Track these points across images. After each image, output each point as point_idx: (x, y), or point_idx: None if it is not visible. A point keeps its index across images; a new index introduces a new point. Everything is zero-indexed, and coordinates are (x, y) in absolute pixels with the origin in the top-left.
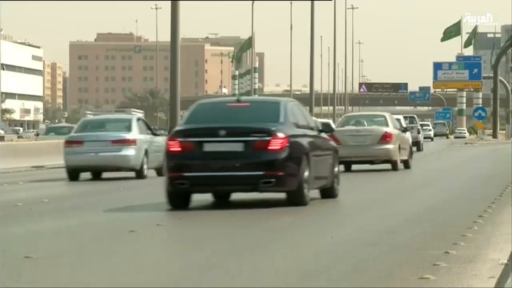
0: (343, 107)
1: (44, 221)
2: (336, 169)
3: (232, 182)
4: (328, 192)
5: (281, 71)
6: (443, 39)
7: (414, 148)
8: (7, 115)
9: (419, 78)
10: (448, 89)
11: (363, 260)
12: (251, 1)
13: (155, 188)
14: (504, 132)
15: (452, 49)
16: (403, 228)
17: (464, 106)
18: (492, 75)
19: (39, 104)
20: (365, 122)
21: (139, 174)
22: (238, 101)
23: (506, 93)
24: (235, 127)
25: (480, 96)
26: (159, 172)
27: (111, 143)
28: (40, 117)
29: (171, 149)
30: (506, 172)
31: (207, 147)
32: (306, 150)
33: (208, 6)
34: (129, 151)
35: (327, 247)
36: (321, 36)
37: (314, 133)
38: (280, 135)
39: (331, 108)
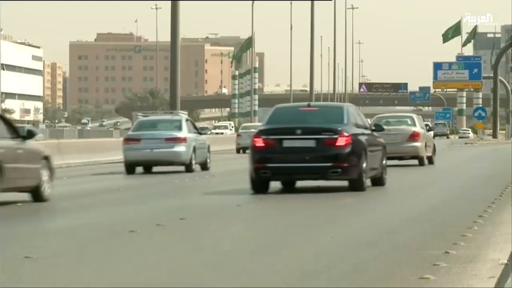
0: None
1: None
2: (384, 161)
3: (306, 172)
4: (378, 181)
5: (281, 71)
6: (444, 41)
7: None
8: (7, 115)
9: (419, 78)
10: (448, 89)
11: (363, 260)
12: (251, 1)
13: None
14: (504, 132)
15: (452, 49)
16: (403, 228)
17: (464, 106)
18: (492, 75)
19: (39, 104)
20: (395, 122)
21: (188, 168)
22: (309, 105)
23: (506, 93)
24: (309, 127)
25: (480, 96)
26: (203, 166)
27: (164, 140)
28: (40, 117)
29: (257, 144)
30: (506, 172)
31: (286, 143)
32: (364, 145)
33: (208, 6)
34: (181, 148)
35: (326, 246)
36: (321, 36)
37: (368, 132)
38: (345, 133)
39: None
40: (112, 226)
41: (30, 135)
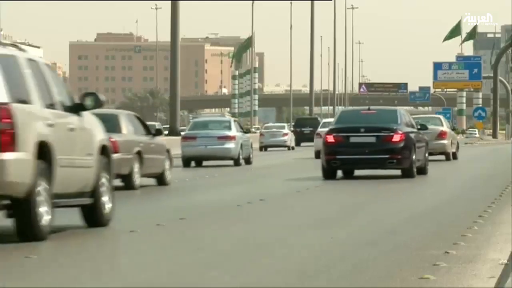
0: (343, 107)
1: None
2: (426, 155)
3: (368, 162)
4: (421, 170)
5: (281, 71)
6: (444, 40)
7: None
8: None
9: (419, 78)
10: (448, 89)
11: (363, 260)
12: (251, 1)
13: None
14: (504, 132)
15: (452, 49)
16: (403, 228)
17: (464, 106)
18: (492, 75)
19: None
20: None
21: (236, 162)
22: (369, 109)
23: (506, 93)
24: (370, 127)
25: (480, 96)
26: (247, 161)
27: (217, 138)
28: None
29: (328, 140)
30: (506, 172)
31: (352, 140)
32: (414, 141)
33: (208, 6)
34: (231, 145)
35: (327, 246)
36: (321, 36)
37: (415, 130)
38: (399, 132)
39: (331, 108)
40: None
41: (159, 132)
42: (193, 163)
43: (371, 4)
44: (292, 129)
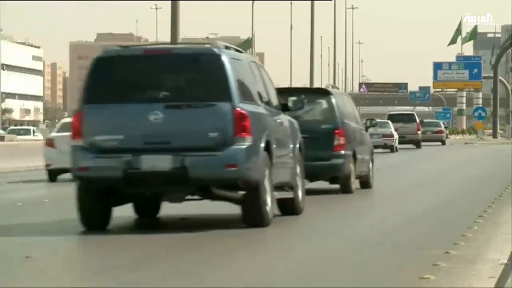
0: None
1: None
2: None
3: None
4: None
5: (281, 71)
6: (450, 43)
7: (414, 147)
8: (7, 115)
9: (419, 78)
10: (448, 89)
11: (363, 260)
12: (251, 1)
13: None
14: (502, 132)
15: (452, 49)
16: (403, 228)
17: (464, 106)
18: (492, 75)
19: (39, 104)
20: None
21: None
22: None
23: (506, 93)
24: None
25: (480, 96)
26: None
27: None
28: (40, 117)
29: None
30: (506, 172)
31: None
32: None
33: (208, 6)
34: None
35: (327, 247)
36: (321, 36)
37: None
38: None
39: None
40: None
41: None
42: None
43: (371, 4)
44: None
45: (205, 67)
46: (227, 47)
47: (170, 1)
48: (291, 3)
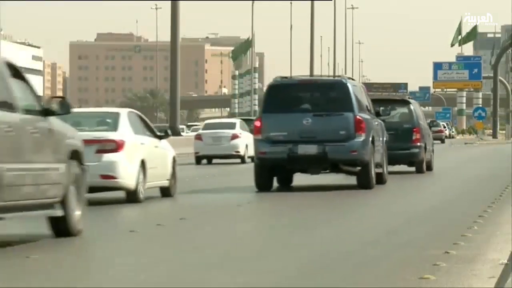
0: None
1: None
2: None
3: None
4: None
5: (281, 71)
6: (452, 44)
7: None
8: None
9: (419, 78)
10: (448, 89)
11: (364, 259)
12: (251, 1)
13: None
14: (504, 132)
15: (452, 49)
16: (403, 228)
17: (464, 106)
18: (492, 75)
19: None
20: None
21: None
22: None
23: (506, 93)
24: None
25: (480, 96)
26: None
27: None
28: None
29: None
30: (506, 172)
31: None
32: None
33: (208, 6)
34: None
35: (327, 247)
36: (321, 36)
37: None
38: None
39: None
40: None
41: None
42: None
43: (371, 4)
44: None
45: (337, 91)
46: (349, 78)
47: (170, 1)
48: (291, 3)
